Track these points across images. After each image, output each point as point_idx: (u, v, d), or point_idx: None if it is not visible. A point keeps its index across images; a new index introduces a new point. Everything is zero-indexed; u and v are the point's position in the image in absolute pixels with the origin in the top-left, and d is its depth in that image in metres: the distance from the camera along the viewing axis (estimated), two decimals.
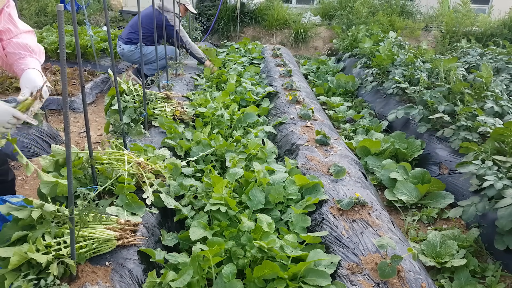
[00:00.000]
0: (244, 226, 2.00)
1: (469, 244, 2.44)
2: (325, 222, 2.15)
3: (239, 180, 2.59)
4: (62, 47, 1.27)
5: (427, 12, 9.86)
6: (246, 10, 9.18)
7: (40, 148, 3.33)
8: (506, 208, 2.25)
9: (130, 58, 5.18)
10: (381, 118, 4.46)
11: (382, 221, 2.15)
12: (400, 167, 3.15)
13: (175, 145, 2.94)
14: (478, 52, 5.85)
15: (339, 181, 2.52)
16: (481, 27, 8.01)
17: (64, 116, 1.36)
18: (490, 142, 2.76)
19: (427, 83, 4.12)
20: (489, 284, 2.20)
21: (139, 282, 1.74)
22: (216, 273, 1.78)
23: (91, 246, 1.70)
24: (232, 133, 3.51)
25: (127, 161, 2.25)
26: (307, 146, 3.04)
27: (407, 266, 1.81)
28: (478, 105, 3.52)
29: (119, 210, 1.99)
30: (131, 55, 5.09)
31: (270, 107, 4.12)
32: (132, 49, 5.04)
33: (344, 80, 5.68)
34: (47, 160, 2.11)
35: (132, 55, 5.10)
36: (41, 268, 1.55)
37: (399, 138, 3.68)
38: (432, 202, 2.93)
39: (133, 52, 5.06)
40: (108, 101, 3.34)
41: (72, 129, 4.21)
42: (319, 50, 8.70)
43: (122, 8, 9.86)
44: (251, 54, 6.66)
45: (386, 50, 5.35)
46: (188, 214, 2.23)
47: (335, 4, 9.42)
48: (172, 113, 3.38)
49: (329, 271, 1.79)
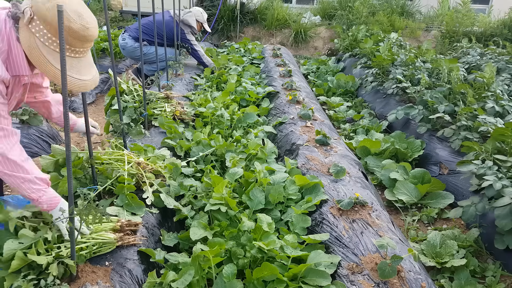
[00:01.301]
0: (244, 226, 2.00)
1: (469, 244, 2.43)
2: (325, 222, 2.15)
3: (239, 180, 2.59)
4: (62, 47, 1.27)
5: (427, 12, 9.86)
6: (246, 10, 9.17)
7: (40, 148, 3.33)
8: (504, 207, 2.25)
9: (131, 54, 5.18)
10: (381, 118, 4.46)
11: (382, 221, 2.15)
12: (400, 167, 3.15)
13: (175, 145, 2.94)
14: (478, 52, 5.85)
15: (339, 181, 2.52)
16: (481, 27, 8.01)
17: (64, 116, 1.36)
18: (490, 142, 2.76)
19: (428, 83, 4.12)
20: (489, 284, 2.20)
21: (139, 282, 1.74)
22: (216, 273, 1.78)
23: (91, 247, 1.70)
24: (232, 133, 3.51)
25: (127, 161, 2.25)
26: (307, 146, 3.04)
27: (407, 266, 1.81)
28: (479, 105, 3.52)
29: (119, 210, 1.99)
30: (133, 50, 5.09)
31: (270, 107, 4.12)
32: (136, 46, 5.04)
33: (344, 80, 5.68)
34: (47, 160, 2.12)
35: (134, 52, 5.10)
36: (41, 269, 1.55)
37: (399, 138, 3.68)
38: (432, 202, 2.93)
39: (135, 49, 5.06)
40: (108, 101, 3.34)
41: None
42: (319, 50, 8.70)
43: (122, 8, 9.86)
44: (251, 54, 6.66)
45: (386, 50, 5.35)
46: (188, 214, 2.23)
47: (335, 4, 9.42)
48: (172, 113, 3.38)
49: (329, 271, 1.79)
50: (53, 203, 1.65)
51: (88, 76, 1.61)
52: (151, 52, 5.01)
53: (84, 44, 1.56)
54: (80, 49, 1.56)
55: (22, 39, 1.48)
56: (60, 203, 1.66)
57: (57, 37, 1.47)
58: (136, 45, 5.04)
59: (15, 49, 1.52)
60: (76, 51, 1.54)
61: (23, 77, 1.61)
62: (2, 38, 1.49)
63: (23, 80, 1.64)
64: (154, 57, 5.00)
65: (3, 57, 1.51)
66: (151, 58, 5.03)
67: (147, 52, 4.98)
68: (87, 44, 1.58)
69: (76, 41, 1.51)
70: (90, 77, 1.62)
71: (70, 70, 1.51)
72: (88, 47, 1.61)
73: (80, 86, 1.58)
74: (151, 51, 5.00)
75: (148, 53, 5.01)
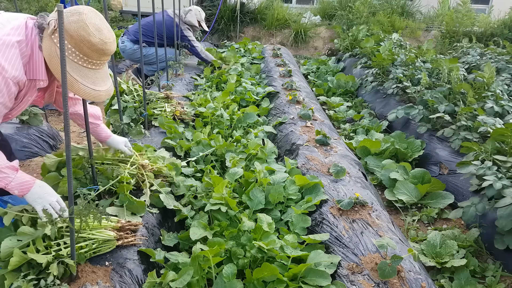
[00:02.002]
0: (244, 226, 2.00)
1: (469, 244, 2.43)
2: (325, 222, 2.15)
3: (239, 180, 2.59)
4: (62, 47, 1.27)
5: (427, 12, 9.86)
6: (246, 10, 9.17)
7: (40, 148, 3.33)
8: (506, 207, 2.25)
9: (131, 56, 5.17)
10: (381, 118, 4.46)
11: (382, 221, 2.15)
12: (400, 167, 3.15)
13: (175, 145, 2.94)
14: (478, 52, 5.85)
15: (339, 181, 2.52)
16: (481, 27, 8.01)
17: (64, 116, 1.36)
18: (490, 142, 2.76)
19: (428, 83, 4.12)
20: (489, 284, 2.20)
21: (139, 282, 1.74)
22: (216, 273, 1.78)
23: (91, 246, 1.70)
24: (232, 133, 3.51)
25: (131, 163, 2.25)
26: (307, 146, 3.04)
27: (407, 266, 1.81)
28: (479, 105, 3.52)
29: (119, 210, 1.99)
30: (132, 53, 5.08)
31: (270, 107, 4.11)
32: (135, 48, 5.04)
33: (344, 80, 5.68)
34: (51, 160, 2.12)
35: (134, 54, 5.09)
36: (41, 268, 1.55)
37: (399, 138, 3.68)
38: (432, 202, 2.93)
39: (134, 51, 5.06)
40: (108, 101, 3.34)
41: (72, 129, 4.21)
42: (319, 50, 8.70)
43: (122, 8, 9.86)
44: (251, 54, 6.66)
45: (387, 50, 5.35)
46: (188, 214, 2.23)
47: (335, 4, 9.42)
48: (172, 113, 3.38)
49: (329, 271, 1.79)
50: (24, 188, 1.66)
51: (103, 87, 1.71)
52: (151, 54, 5.00)
53: (101, 57, 1.66)
54: (97, 61, 1.66)
55: (44, 47, 1.59)
56: (33, 187, 1.68)
57: (77, 49, 1.59)
58: (135, 47, 5.04)
59: (36, 55, 1.62)
60: (93, 62, 1.64)
61: (39, 81, 1.69)
62: (27, 43, 1.60)
63: (38, 85, 1.70)
64: (153, 58, 4.99)
65: (25, 60, 1.60)
66: (151, 59, 5.02)
67: (146, 53, 4.97)
68: (104, 58, 1.68)
69: (94, 53, 1.62)
70: (105, 88, 1.72)
71: (85, 80, 1.63)
72: (105, 60, 1.71)
73: (94, 96, 1.68)
74: (150, 52, 5.00)
75: (148, 54, 5.00)
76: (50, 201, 1.68)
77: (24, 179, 1.67)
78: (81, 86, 1.63)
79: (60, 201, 1.72)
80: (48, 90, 1.88)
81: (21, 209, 1.69)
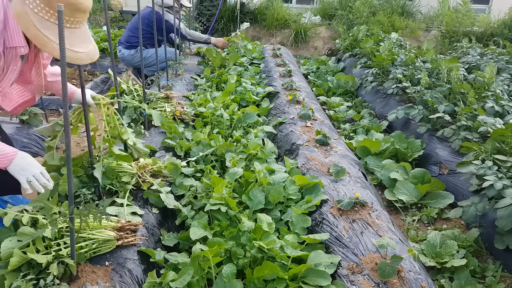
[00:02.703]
0: (244, 226, 2.00)
1: (469, 244, 2.43)
2: (325, 222, 2.15)
3: (239, 180, 2.59)
4: (62, 47, 1.26)
5: (427, 12, 9.87)
6: (246, 10, 9.17)
7: (40, 148, 3.33)
8: (506, 208, 2.25)
9: (130, 62, 5.16)
10: (381, 118, 4.46)
11: (382, 221, 2.15)
12: (400, 167, 3.15)
13: (175, 145, 2.94)
14: (478, 52, 5.85)
15: (339, 181, 2.52)
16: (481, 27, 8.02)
17: (64, 116, 1.36)
18: (490, 142, 2.76)
19: (428, 83, 4.12)
20: (489, 284, 2.20)
21: (139, 282, 1.74)
22: (216, 273, 1.78)
23: (91, 246, 1.70)
24: (232, 133, 3.51)
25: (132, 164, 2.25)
26: (307, 146, 3.04)
27: (407, 266, 1.81)
28: (479, 105, 3.52)
29: (119, 210, 1.99)
30: (131, 59, 5.07)
31: (270, 107, 4.11)
32: (132, 53, 5.02)
33: (344, 80, 5.68)
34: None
35: (133, 59, 5.08)
36: (41, 268, 1.55)
37: (399, 138, 3.68)
38: (432, 202, 2.93)
39: (133, 56, 5.04)
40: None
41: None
42: (319, 50, 8.70)
43: (122, 8, 9.86)
44: (251, 54, 6.66)
45: (386, 50, 5.35)
46: (188, 214, 2.23)
47: (335, 4, 9.42)
48: (172, 113, 3.38)
49: (329, 271, 1.79)
50: (6, 159, 1.61)
51: (83, 49, 1.55)
52: (150, 56, 4.99)
53: (75, 13, 1.49)
54: (71, 18, 1.49)
55: (13, 6, 1.46)
56: (16, 158, 1.62)
57: (47, 4, 1.44)
58: (132, 52, 5.03)
59: (11, 21, 1.51)
60: (66, 20, 1.47)
61: (19, 48, 1.59)
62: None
63: (19, 52, 1.61)
64: (153, 60, 4.98)
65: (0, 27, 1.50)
66: (151, 61, 5.01)
67: (146, 56, 4.95)
68: (78, 15, 1.51)
69: (65, 9, 1.43)
70: (84, 50, 1.55)
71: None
72: (81, 18, 1.53)
73: (72, 58, 1.51)
74: (149, 54, 4.99)
75: (147, 57, 4.99)
76: (34, 172, 1.62)
77: (5, 151, 1.61)
78: (55, 46, 1.46)
79: (45, 172, 1.66)
80: (35, 64, 1.78)
81: (21, 209, 1.69)
